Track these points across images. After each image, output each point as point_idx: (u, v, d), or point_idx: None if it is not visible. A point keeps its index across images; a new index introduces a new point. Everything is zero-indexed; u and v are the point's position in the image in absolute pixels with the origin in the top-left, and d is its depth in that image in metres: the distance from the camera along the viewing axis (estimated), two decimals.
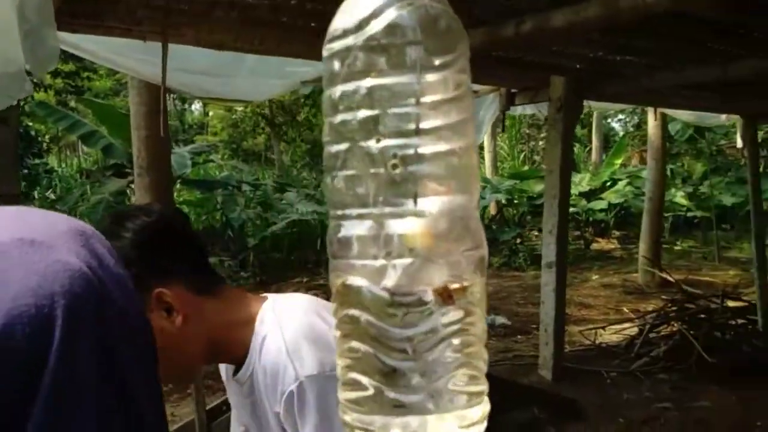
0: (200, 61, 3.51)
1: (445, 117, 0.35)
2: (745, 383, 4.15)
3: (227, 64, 3.65)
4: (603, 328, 5.45)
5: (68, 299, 0.40)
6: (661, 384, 4.30)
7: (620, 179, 12.58)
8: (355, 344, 0.37)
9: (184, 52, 3.17)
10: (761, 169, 10.11)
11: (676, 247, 11.52)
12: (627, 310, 6.41)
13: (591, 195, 12.33)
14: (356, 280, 0.36)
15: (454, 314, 0.36)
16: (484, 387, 0.38)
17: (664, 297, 6.53)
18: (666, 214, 10.99)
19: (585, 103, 4.42)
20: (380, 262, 0.36)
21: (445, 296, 0.36)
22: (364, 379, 0.36)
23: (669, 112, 6.30)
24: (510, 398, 3.47)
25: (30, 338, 0.39)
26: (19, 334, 0.38)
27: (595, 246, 11.58)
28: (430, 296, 0.36)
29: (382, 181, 0.35)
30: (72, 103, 12.78)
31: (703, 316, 4.89)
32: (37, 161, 10.40)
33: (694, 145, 12.22)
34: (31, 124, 10.49)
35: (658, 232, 8.33)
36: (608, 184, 12.64)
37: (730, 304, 5.08)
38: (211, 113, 20.56)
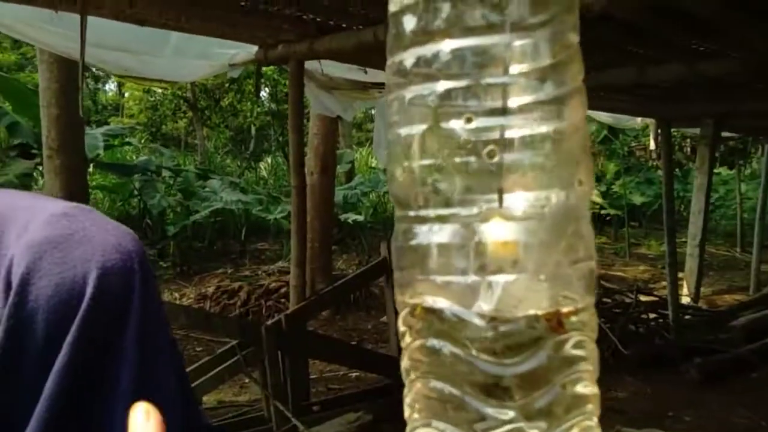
0: (119, 36, 3.28)
1: (545, 90, 0.27)
2: (657, 375, 4.39)
3: (149, 42, 3.43)
4: None
5: (139, 256, 0.50)
6: None
7: None
8: (435, 385, 0.28)
9: (101, 26, 2.95)
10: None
11: None
12: None
13: None
14: (438, 302, 0.28)
15: (566, 346, 0.28)
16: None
17: None
18: None
19: None
20: (472, 278, 0.27)
21: (555, 323, 0.27)
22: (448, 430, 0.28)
23: (589, 113, 6.54)
24: None
25: (121, 285, 0.48)
26: (114, 281, 0.47)
27: None
28: (539, 323, 0.27)
29: (473, 173, 0.27)
30: None
31: (618, 310, 5.12)
32: None
33: (608, 146, 12.83)
34: None
35: None
36: None
37: (643, 298, 5.35)
38: (127, 94, 19.55)
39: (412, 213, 0.29)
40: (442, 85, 0.27)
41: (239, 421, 3.16)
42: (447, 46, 0.27)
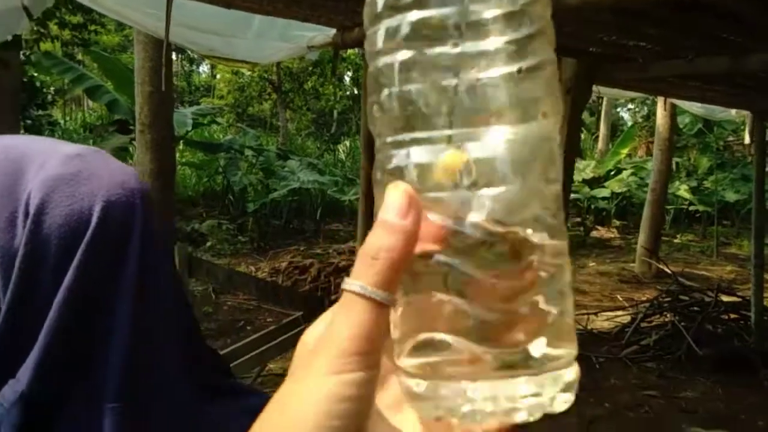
0: (207, 18, 3.46)
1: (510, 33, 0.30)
2: (731, 377, 4.18)
3: (234, 24, 3.60)
4: (595, 314, 5.47)
5: (142, 194, 0.53)
6: (648, 372, 4.33)
7: (625, 169, 12.52)
8: (440, 297, 0.30)
9: (191, 8, 3.13)
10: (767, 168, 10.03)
11: (676, 240, 11.52)
12: (621, 299, 6.43)
13: (594, 182, 12.28)
14: (432, 216, 0.30)
15: (555, 252, 0.31)
16: (574, 350, 0.32)
17: (659, 287, 6.54)
18: (668, 207, 10.96)
19: (594, 88, 4.36)
20: (463, 192, 0.30)
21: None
22: (454, 340, 0.30)
23: (678, 103, 6.23)
24: None
25: (123, 217, 0.51)
26: (117, 213, 0.51)
27: (594, 234, 11.57)
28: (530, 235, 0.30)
29: (458, 98, 0.30)
30: (79, 56, 12.64)
31: (696, 308, 4.90)
32: (40, 112, 10.32)
33: (701, 139, 12.14)
34: (36, 74, 10.38)
35: (659, 224, 8.31)
36: (612, 172, 12.59)
37: (724, 298, 5.08)
38: (218, 76, 20.39)
39: (392, 138, 0.32)
40: (420, 14, 0.30)
41: None
42: None
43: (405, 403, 0.33)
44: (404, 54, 0.31)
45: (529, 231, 0.30)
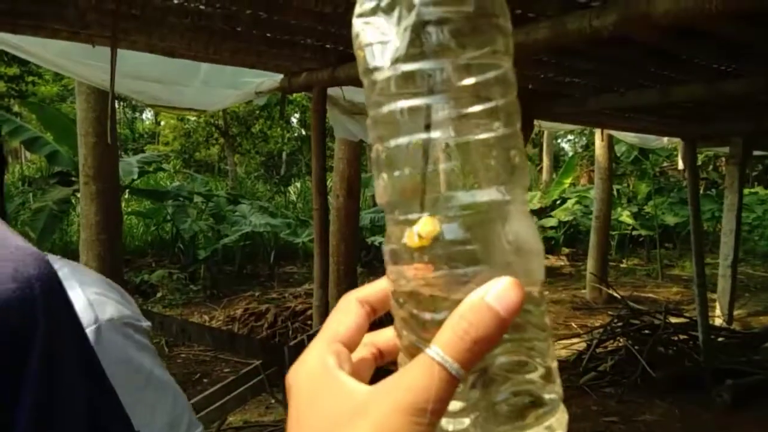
0: (152, 68, 3.44)
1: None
2: (687, 397, 4.29)
3: (180, 73, 3.59)
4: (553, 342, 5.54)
5: (43, 282, 0.44)
6: (607, 398, 4.40)
7: (569, 198, 12.93)
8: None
9: (135, 58, 3.11)
10: (701, 191, 10.57)
11: (622, 265, 11.88)
12: (575, 326, 6.55)
13: (542, 213, 12.62)
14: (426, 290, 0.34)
15: None
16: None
17: (610, 313, 6.70)
18: (612, 233, 11.34)
19: (535, 122, 4.53)
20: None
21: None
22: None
23: (614, 133, 6.52)
24: None
25: (18, 320, 0.42)
26: (10, 316, 0.42)
27: (545, 262, 11.81)
28: None
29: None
30: (15, 108, 12.29)
31: (647, 331, 5.04)
32: None
33: (638, 166, 12.69)
34: None
35: (605, 250, 8.58)
36: (558, 202, 12.98)
37: (673, 320, 5.25)
38: (162, 123, 20.14)
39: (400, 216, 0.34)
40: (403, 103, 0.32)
41: None
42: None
43: None
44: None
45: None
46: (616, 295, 6.27)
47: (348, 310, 0.37)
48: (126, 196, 9.31)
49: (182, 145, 17.18)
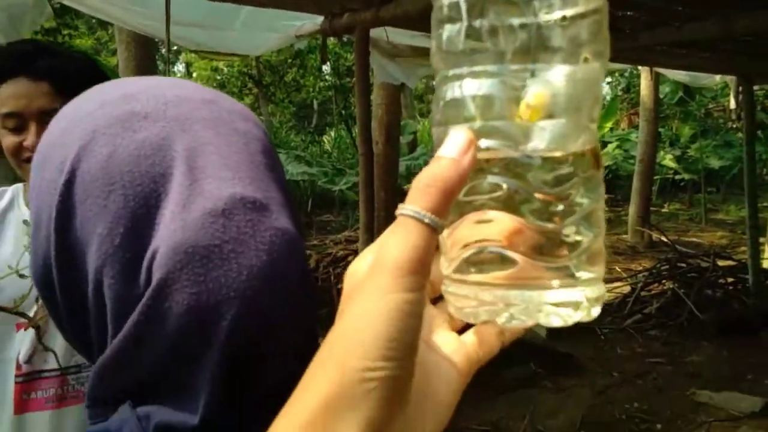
0: (193, 12, 3.41)
1: None
2: (734, 339, 4.25)
3: (221, 17, 3.54)
4: None
5: (288, 281, 0.45)
6: (653, 340, 4.38)
7: (610, 142, 12.60)
8: (492, 214, 0.34)
9: (176, 2, 3.07)
10: None
11: (664, 210, 11.64)
12: (619, 269, 6.49)
13: None
14: (494, 144, 0.33)
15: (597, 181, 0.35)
16: (603, 271, 0.36)
17: (654, 257, 6.61)
18: (654, 177, 11.06)
19: None
20: (524, 123, 0.33)
21: (594, 159, 0.34)
22: (502, 252, 0.34)
23: (664, 71, 6.26)
24: (508, 354, 3.51)
25: (259, 323, 0.43)
26: (252, 315, 0.42)
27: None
28: (586, 157, 0.34)
29: (525, 35, 0.32)
30: None
31: (694, 274, 4.96)
32: None
33: (683, 107, 12.24)
34: None
35: (648, 194, 8.39)
36: None
37: (721, 263, 5.15)
38: (195, 74, 20.15)
39: (455, 71, 0.34)
40: None
41: None
42: None
43: (441, 324, 0.38)
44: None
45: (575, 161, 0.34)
46: (663, 238, 6.16)
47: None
48: None
49: None
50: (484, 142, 0.33)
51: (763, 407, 3.24)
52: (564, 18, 0.32)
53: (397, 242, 0.31)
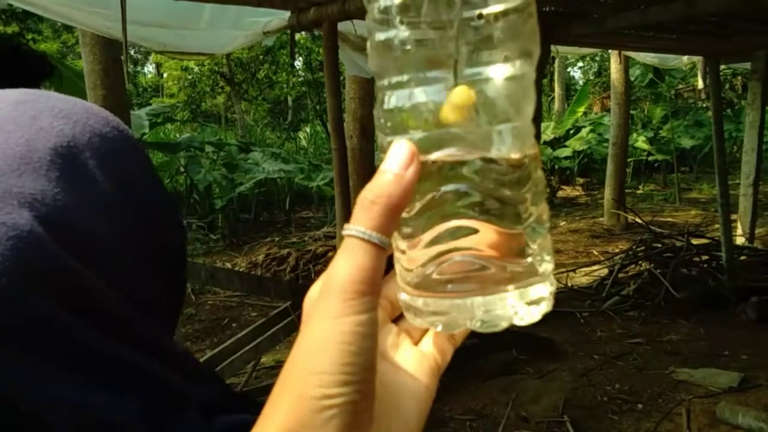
0: (155, 12, 3.36)
1: None
2: (712, 317, 4.33)
3: (184, 16, 3.49)
4: (573, 270, 5.58)
5: (10, 275, 0.34)
6: (631, 321, 4.45)
7: (583, 126, 12.72)
8: (457, 222, 0.33)
9: (138, 3, 3.02)
10: None
11: (639, 191, 11.80)
12: (596, 253, 6.57)
13: (555, 143, 12.45)
14: (452, 152, 0.32)
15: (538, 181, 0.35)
16: (552, 265, 0.35)
17: (630, 239, 6.69)
18: (628, 159, 11.18)
19: (552, 48, 4.38)
20: (485, 127, 0.32)
21: (537, 160, 0.34)
22: (461, 256, 0.33)
23: (632, 55, 6.32)
24: (490, 341, 3.54)
25: None
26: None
27: (560, 193, 11.76)
28: (533, 160, 0.34)
29: (466, 38, 0.31)
30: None
31: (669, 254, 5.03)
32: None
33: (654, 89, 12.38)
34: None
35: (623, 177, 8.48)
36: (572, 131, 12.77)
37: (695, 242, 5.24)
38: (165, 74, 19.87)
39: (392, 80, 0.33)
40: None
41: None
42: None
43: (402, 341, 0.38)
44: None
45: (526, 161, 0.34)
46: (639, 220, 6.24)
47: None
48: None
49: (188, 96, 17.00)
50: (437, 152, 0.32)
51: (741, 381, 3.31)
52: (480, 16, 0.31)
53: (344, 265, 0.31)
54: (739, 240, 5.78)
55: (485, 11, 0.31)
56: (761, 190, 7.03)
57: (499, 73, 0.32)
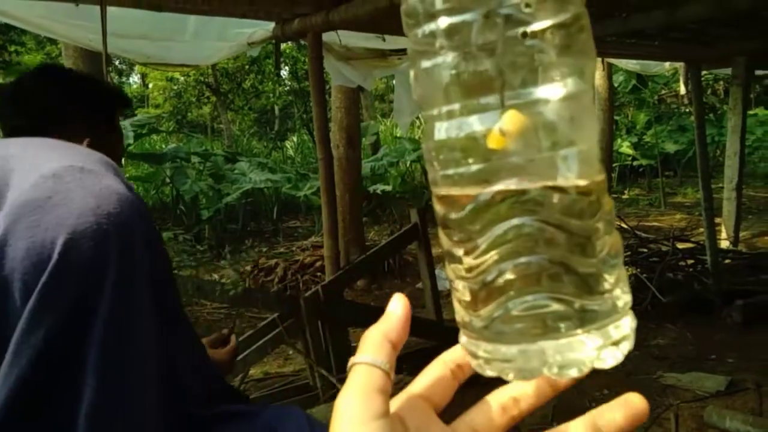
0: (139, 25, 3.34)
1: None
2: (698, 320, 4.36)
3: (168, 27, 3.48)
4: None
5: (121, 219, 0.48)
6: None
7: None
8: (525, 260, 0.30)
9: (121, 15, 3.00)
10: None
11: (624, 196, 11.89)
12: None
13: None
14: (518, 182, 0.30)
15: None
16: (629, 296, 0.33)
17: None
18: (613, 165, 11.28)
19: None
20: (546, 153, 0.30)
21: (603, 188, 0.33)
22: (527, 299, 0.31)
23: (615, 61, 6.39)
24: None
25: (90, 254, 0.46)
26: (84, 245, 0.46)
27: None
28: (600, 187, 0.32)
29: (517, 60, 0.29)
30: (0, 79, 12.04)
31: (655, 259, 5.07)
32: None
33: (637, 95, 12.52)
34: None
35: (608, 182, 8.53)
36: None
37: (680, 246, 5.28)
38: (150, 85, 19.78)
39: (440, 109, 0.31)
40: None
41: (286, 389, 3.28)
42: None
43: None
44: (445, 21, 0.30)
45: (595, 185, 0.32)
46: (624, 225, 6.28)
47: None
48: (123, 161, 9.20)
49: (174, 107, 16.93)
50: (497, 184, 0.30)
51: (728, 385, 3.33)
52: (525, 34, 0.29)
53: (352, 388, 0.33)
54: (724, 243, 5.84)
55: (530, 29, 0.29)
56: (744, 194, 7.11)
57: (553, 93, 0.30)
